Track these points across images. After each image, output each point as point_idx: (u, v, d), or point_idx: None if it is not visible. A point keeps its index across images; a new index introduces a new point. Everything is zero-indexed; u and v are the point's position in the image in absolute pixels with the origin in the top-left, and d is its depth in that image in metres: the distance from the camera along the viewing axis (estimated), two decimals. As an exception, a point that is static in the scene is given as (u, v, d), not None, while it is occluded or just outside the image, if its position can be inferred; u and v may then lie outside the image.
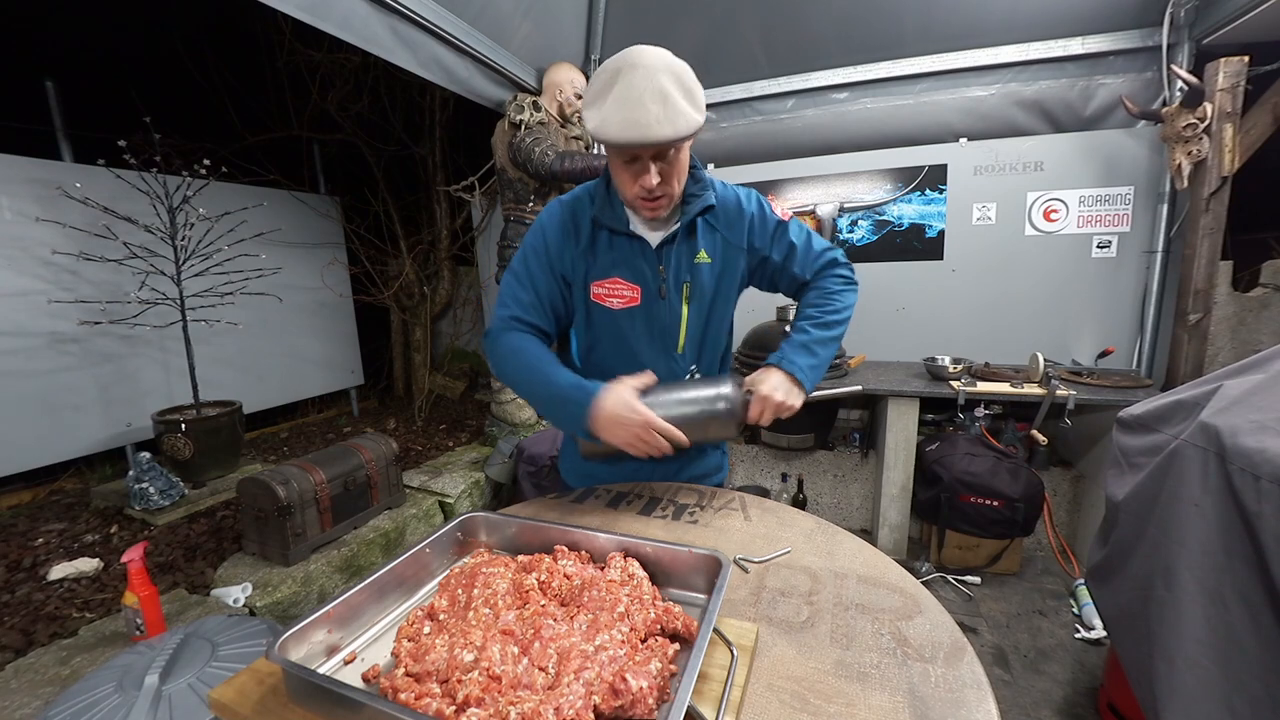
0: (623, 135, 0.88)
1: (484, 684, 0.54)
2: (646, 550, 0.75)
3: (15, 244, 2.55)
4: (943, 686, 0.60)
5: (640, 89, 0.87)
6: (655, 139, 0.87)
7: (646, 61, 0.89)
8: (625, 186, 0.99)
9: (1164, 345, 2.39)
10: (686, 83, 0.91)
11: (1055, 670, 1.82)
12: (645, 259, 1.07)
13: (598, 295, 1.08)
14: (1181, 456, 1.08)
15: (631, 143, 0.88)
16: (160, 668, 1.11)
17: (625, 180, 0.98)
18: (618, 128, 0.88)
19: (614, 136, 0.88)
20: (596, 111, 0.91)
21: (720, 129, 3.13)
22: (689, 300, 1.10)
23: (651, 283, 1.07)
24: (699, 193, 1.06)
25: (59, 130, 2.77)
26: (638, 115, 0.86)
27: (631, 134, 0.87)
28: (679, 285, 1.09)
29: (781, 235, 1.14)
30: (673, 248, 1.07)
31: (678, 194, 1.02)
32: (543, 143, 2.38)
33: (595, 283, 1.08)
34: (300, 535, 1.96)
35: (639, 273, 1.07)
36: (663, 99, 0.87)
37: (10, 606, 1.83)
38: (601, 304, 1.08)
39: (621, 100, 0.87)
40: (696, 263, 1.09)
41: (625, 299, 1.08)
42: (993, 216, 2.69)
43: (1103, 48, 2.41)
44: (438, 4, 2.10)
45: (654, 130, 0.87)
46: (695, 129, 0.90)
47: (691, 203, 1.06)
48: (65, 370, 2.72)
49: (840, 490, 2.84)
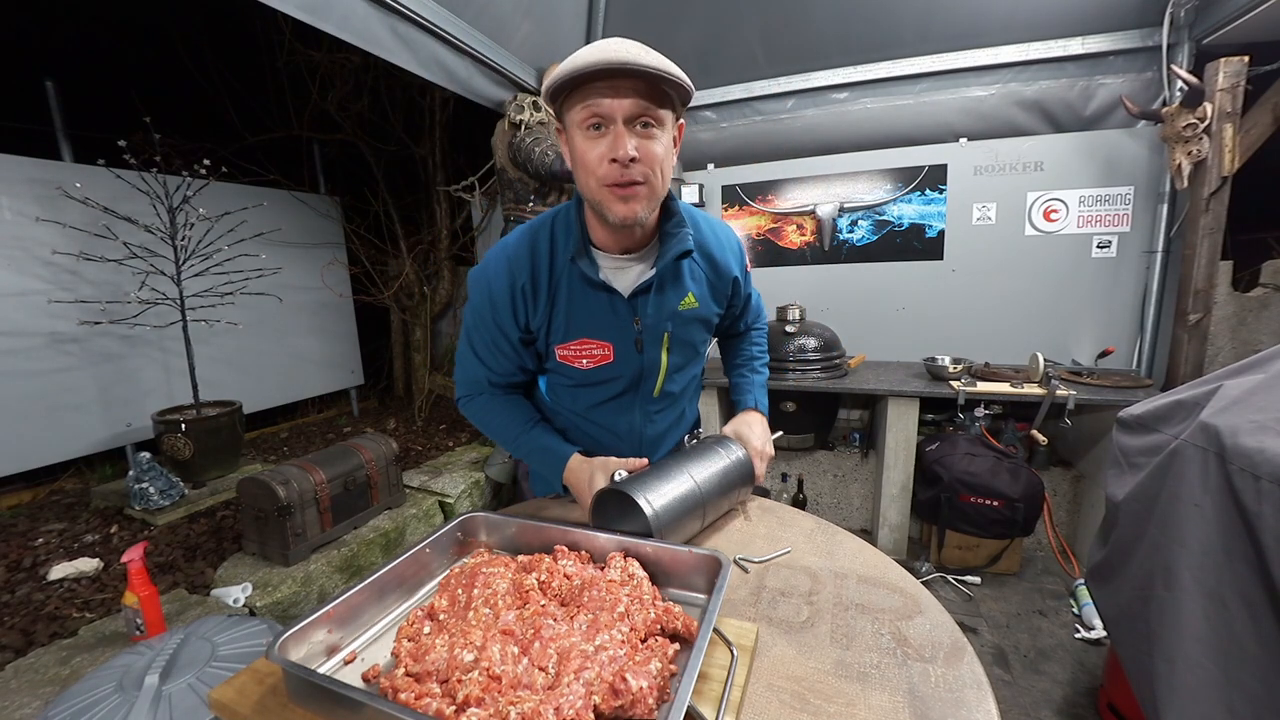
0: (592, 57, 0.73)
1: (484, 684, 0.54)
2: (646, 550, 0.75)
3: (15, 244, 2.55)
4: (943, 686, 0.60)
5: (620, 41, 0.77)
6: (632, 61, 0.73)
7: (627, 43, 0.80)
8: (591, 169, 0.81)
9: (1164, 345, 2.39)
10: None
11: (1055, 670, 1.82)
12: (617, 313, 0.94)
13: (565, 357, 0.98)
14: (1181, 456, 1.08)
15: (602, 64, 0.73)
16: (160, 668, 1.11)
17: (592, 159, 0.81)
18: (587, 55, 0.74)
19: (581, 62, 0.74)
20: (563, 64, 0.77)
21: (720, 129, 3.13)
22: (669, 350, 1.01)
23: (626, 337, 0.96)
24: (673, 230, 0.93)
25: (59, 130, 2.77)
26: (612, 44, 0.75)
27: (603, 56, 0.73)
28: (658, 336, 0.98)
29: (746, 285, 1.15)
30: (649, 297, 0.94)
31: (659, 188, 0.85)
32: (543, 143, 2.38)
33: (560, 345, 0.97)
34: (300, 535, 1.96)
35: (610, 329, 0.95)
36: (645, 49, 0.77)
37: (10, 606, 1.83)
38: (570, 365, 0.98)
39: (595, 46, 0.76)
40: (681, 309, 0.98)
41: (596, 358, 0.97)
42: (993, 216, 2.69)
43: (1103, 48, 2.41)
44: (438, 4, 2.10)
45: (632, 54, 0.73)
46: (684, 84, 0.78)
47: (667, 243, 0.92)
48: (65, 370, 2.72)
49: (840, 490, 2.84)
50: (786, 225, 3.06)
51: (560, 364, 0.99)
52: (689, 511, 0.85)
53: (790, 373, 2.55)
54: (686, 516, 0.85)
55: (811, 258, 3.04)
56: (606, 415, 1.07)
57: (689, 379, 1.13)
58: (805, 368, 2.55)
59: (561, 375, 1.03)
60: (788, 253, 3.08)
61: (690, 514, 0.86)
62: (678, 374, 1.07)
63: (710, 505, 0.90)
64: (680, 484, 0.87)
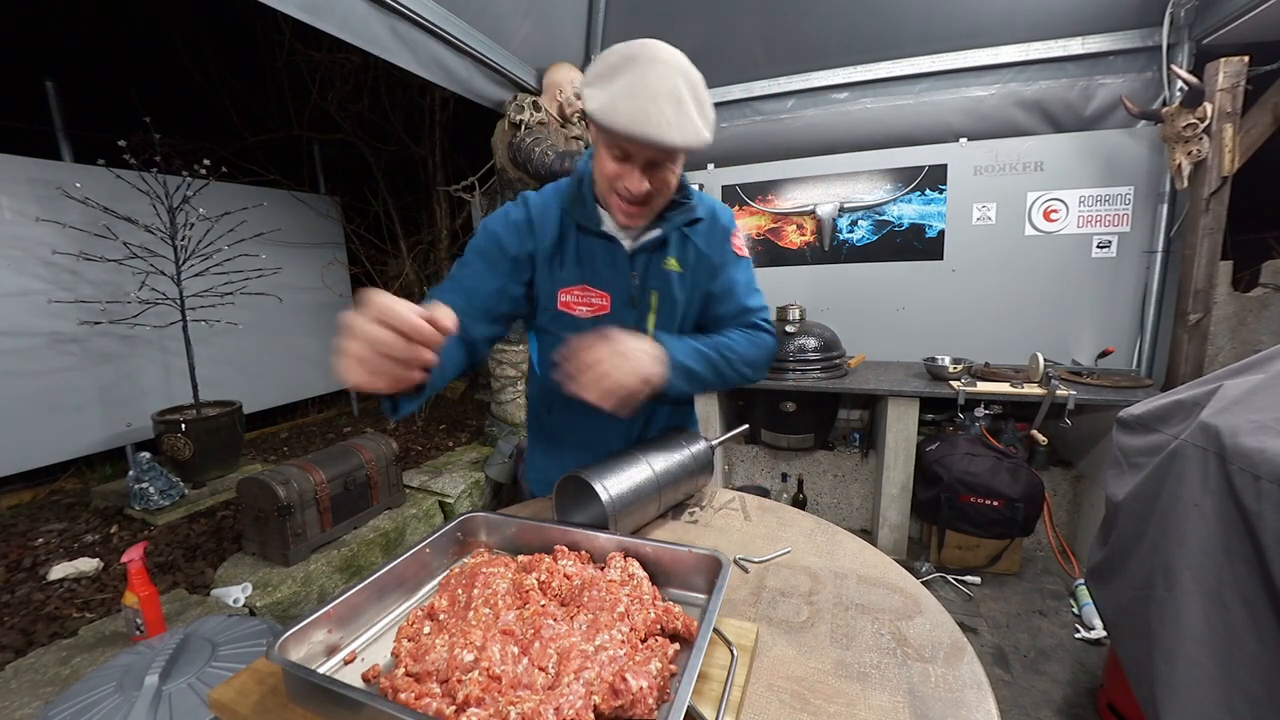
0: (629, 127, 0.79)
1: (484, 684, 0.54)
2: (646, 550, 0.75)
3: (15, 244, 2.55)
4: (943, 686, 0.60)
5: (655, 85, 0.79)
6: (661, 140, 0.79)
7: (665, 58, 0.82)
8: (606, 177, 0.89)
9: (1164, 345, 2.38)
10: (700, 94, 0.84)
11: (1055, 670, 1.82)
12: (617, 265, 0.99)
13: (565, 304, 1.00)
14: (1181, 456, 1.08)
15: (635, 137, 0.79)
16: (160, 668, 1.11)
17: (609, 175, 0.88)
18: (625, 117, 0.79)
19: (619, 125, 0.79)
20: (603, 91, 0.81)
21: (720, 129, 3.13)
22: (656, 310, 1.03)
23: (623, 290, 1.00)
24: (684, 200, 1.00)
25: (59, 130, 2.77)
26: (649, 110, 0.78)
27: (637, 128, 0.79)
28: (646, 294, 1.02)
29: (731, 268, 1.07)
30: (649, 255, 1.00)
31: (658, 208, 0.94)
32: (543, 143, 2.38)
33: (563, 289, 0.99)
34: (300, 535, 1.96)
35: (610, 279, 0.99)
36: (676, 102, 0.80)
37: (10, 606, 1.83)
38: (570, 312, 1.00)
39: (633, 89, 0.79)
40: (665, 269, 1.01)
41: (595, 307, 1.00)
42: (993, 216, 2.69)
43: (1103, 48, 2.41)
44: (438, 4, 2.10)
45: (662, 131, 0.79)
46: (701, 143, 0.83)
47: (677, 210, 0.99)
48: (65, 370, 2.72)
49: (840, 490, 2.84)
50: (786, 225, 3.06)
51: (560, 313, 1.00)
52: (645, 498, 0.89)
53: (790, 373, 2.55)
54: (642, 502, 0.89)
55: (811, 258, 3.04)
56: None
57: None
58: (805, 368, 2.55)
59: (555, 333, 1.01)
60: (788, 253, 3.08)
61: (646, 500, 0.90)
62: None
63: (666, 492, 0.93)
64: (639, 473, 0.90)
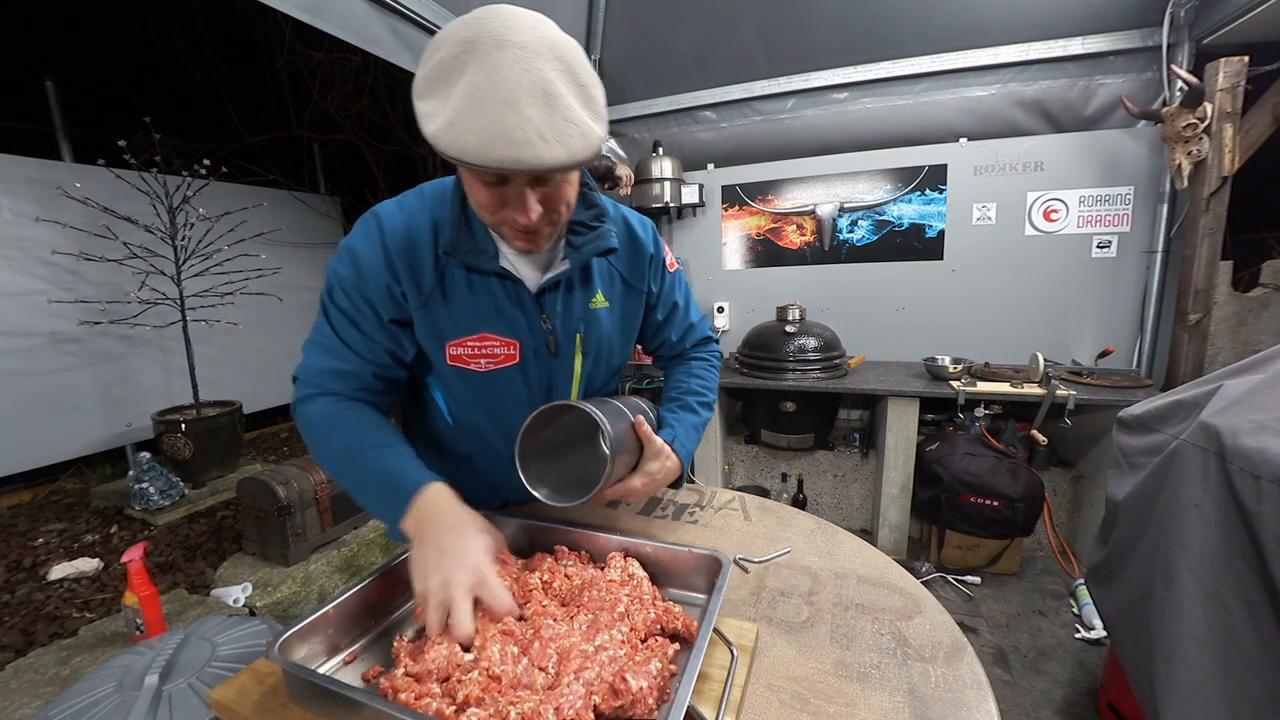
0: (483, 152, 0.56)
1: (484, 684, 0.54)
2: (646, 550, 0.75)
3: (15, 244, 2.55)
4: (943, 686, 0.60)
5: (511, 81, 0.55)
6: (532, 164, 0.57)
7: (519, 36, 0.57)
8: (486, 212, 0.69)
9: (1164, 345, 2.39)
10: (581, 75, 0.61)
11: (1055, 670, 1.82)
12: (523, 308, 0.81)
13: (457, 357, 0.81)
14: (1181, 456, 1.08)
15: (491, 166, 0.57)
16: (160, 668, 1.11)
17: (486, 204, 0.67)
18: (477, 139, 0.56)
19: (470, 154, 0.56)
20: (439, 103, 0.58)
21: (720, 129, 3.13)
22: (584, 352, 0.89)
23: (533, 337, 0.83)
24: (594, 224, 0.82)
25: (59, 130, 2.78)
26: (508, 122, 0.55)
27: (499, 152, 0.56)
28: (570, 337, 0.86)
29: (670, 290, 0.99)
30: (558, 294, 0.82)
31: (564, 221, 0.74)
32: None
33: (452, 342, 0.80)
34: (300, 535, 1.96)
35: (516, 326, 0.81)
36: (546, 99, 0.57)
37: (10, 606, 1.83)
38: (464, 367, 0.82)
39: (479, 94, 0.55)
40: (593, 309, 0.87)
41: (498, 359, 0.82)
42: (993, 216, 2.69)
43: (1103, 48, 2.41)
44: (438, 4, 2.10)
45: (534, 148, 0.56)
46: (592, 151, 0.60)
47: (584, 236, 0.81)
48: (65, 370, 2.73)
49: (840, 490, 2.84)
50: (786, 225, 3.06)
51: (452, 368, 0.82)
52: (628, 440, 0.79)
53: (790, 373, 2.55)
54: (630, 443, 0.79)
55: (811, 258, 3.04)
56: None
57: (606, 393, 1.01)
58: (805, 368, 2.55)
59: (453, 389, 0.86)
60: (788, 253, 3.08)
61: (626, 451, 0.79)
62: (597, 388, 0.96)
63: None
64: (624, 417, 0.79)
